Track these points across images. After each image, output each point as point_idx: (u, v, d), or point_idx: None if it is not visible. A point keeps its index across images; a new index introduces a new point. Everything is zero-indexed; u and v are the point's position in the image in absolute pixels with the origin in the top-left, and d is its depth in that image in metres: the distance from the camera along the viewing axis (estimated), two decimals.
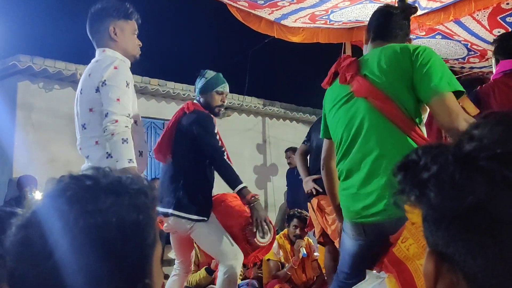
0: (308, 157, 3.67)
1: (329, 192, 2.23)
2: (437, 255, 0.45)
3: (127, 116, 2.17)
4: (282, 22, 4.79)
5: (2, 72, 6.08)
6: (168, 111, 7.25)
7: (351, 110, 1.91)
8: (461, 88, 1.77)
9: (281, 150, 8.50)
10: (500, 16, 4.56)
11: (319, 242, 3.61)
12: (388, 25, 2.00)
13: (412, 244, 1.28)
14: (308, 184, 3.43)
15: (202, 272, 4.13)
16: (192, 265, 3.32)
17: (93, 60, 2.32)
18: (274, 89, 10.40)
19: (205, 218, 2.73)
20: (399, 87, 1.80)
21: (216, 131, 2.79)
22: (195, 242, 3.01)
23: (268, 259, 4.36)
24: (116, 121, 2.11)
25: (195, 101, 2.97)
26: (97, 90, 2.18)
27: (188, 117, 2.81)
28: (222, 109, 3.00)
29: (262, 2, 4.31)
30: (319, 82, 2.14)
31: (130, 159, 2.10)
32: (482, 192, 0.40)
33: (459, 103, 1.79)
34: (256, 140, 8.45)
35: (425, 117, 1.92)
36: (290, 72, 13.15)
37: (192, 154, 2.78)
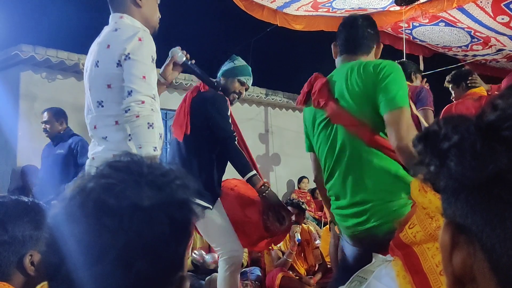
0: None
1: (324, 200, 2.23)
2: (454, 226, 0.45)
3: (152, 98, 1.95)
4: (285, 10, 4.77)
5: (5, 62, 6.07)
6: (171, 101, 7.24)
7: (331, 135, 1.93)
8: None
9: (283, 139, 8.50)
10: (504, 3, 4.54)
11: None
12: (353, 37, 1.98)
13: (419, 232, 1.29)
14: None
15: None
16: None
17: (108, 28, 2.07)
18: (276, 78, 10.37)
19: (211, 206, 2.62)
20: (369, 112, 1.80)
21: (229, 114, 2.69)
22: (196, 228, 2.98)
23: (269, 249, 4.39)
24: (143, 102, 1.88)
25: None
26: (118, 64, 1.93)
27: (202, 95, 2.72)
28: (236, 98, 2.90)
29: None
30: (322, 71, 2.13)
31: (155, 147, 1.90)
32: (503, 162, 0.40)
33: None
34: (259, 130, 8.44)
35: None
36: (292, 61, 13.10)
37: (206, 135, 2.66)
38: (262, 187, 2.64)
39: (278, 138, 8.50)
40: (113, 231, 0.60)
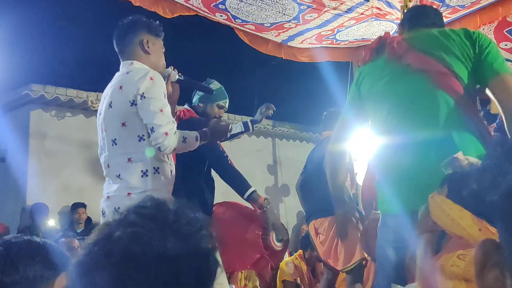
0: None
1: (334, 182, 2.09)
2: (492, 243, 0.45)
3: (172, 123, 2.08)
4: (289, 43, 4.84)
5: (15, 102, 6.18)
6: None
7: (403, 85, 1.81)
8: None
9: (292, 170, 8.46)
10: (507, 30, 4.57)
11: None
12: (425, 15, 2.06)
13: (458, 266, 1.11)
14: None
15: None
16: None
17: (119, 73, 2.19)
18: (282, 109, 10.43)
19: None
20: (459, 64, 1.72)
21: None
22: None
23: (284, 280, 4.29)
24: (166, 133, 2.01)
25: (188, 108, 2.87)
26: (133, 103, 2.04)
27: (187, 122, 2.68)
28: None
29: (269, 24, 4.37)
30: (327, 101, 2.14)
31: (197, 136, 2.14)
32: None
33: None
34: (267, 161, 8.43)
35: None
36: (298, 92, 13.20)
37: (192, 162, 2.60)
38: (265, 201, 2.58)
39: (286, 169, 8.47)
40: (139, 282, 0.59)
